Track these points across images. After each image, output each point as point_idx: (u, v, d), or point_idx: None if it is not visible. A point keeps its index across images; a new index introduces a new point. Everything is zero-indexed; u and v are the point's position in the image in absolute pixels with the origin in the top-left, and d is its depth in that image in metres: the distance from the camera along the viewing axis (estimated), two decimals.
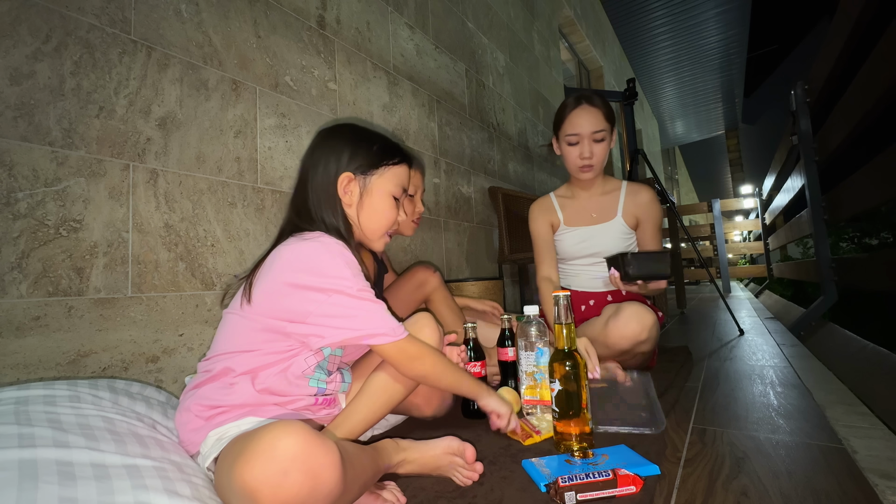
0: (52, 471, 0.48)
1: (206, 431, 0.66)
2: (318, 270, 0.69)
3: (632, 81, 2.80)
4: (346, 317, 0.69)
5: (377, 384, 0.80)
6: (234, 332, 0.72)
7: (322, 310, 0.68)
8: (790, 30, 8.98)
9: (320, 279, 0.68)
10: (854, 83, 1.57)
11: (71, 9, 0.89)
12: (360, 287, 0.71)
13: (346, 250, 0.73)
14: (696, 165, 14.21)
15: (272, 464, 0.48)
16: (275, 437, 0.49)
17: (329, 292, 0.68)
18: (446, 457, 0.73)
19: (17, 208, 0.79)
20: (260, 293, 0.71)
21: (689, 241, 3.38)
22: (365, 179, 0.82)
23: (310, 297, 0.68)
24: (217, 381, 0.70)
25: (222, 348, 0.72)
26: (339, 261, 0.71)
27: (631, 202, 1.39)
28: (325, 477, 0.50)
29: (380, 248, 0.89)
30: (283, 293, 0.69)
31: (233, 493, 0.51)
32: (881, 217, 3.40)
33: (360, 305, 0.70)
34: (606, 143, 1.32)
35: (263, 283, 0.71)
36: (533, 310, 1.01)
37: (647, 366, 1.40)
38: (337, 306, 0.68)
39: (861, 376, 1.27)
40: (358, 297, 0.70)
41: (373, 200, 0.83)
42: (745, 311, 3.12)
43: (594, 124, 1.29)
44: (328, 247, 0.71)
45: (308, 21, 1.43)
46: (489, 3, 2.67)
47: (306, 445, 0.49)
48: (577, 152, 1.32)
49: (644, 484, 0.67)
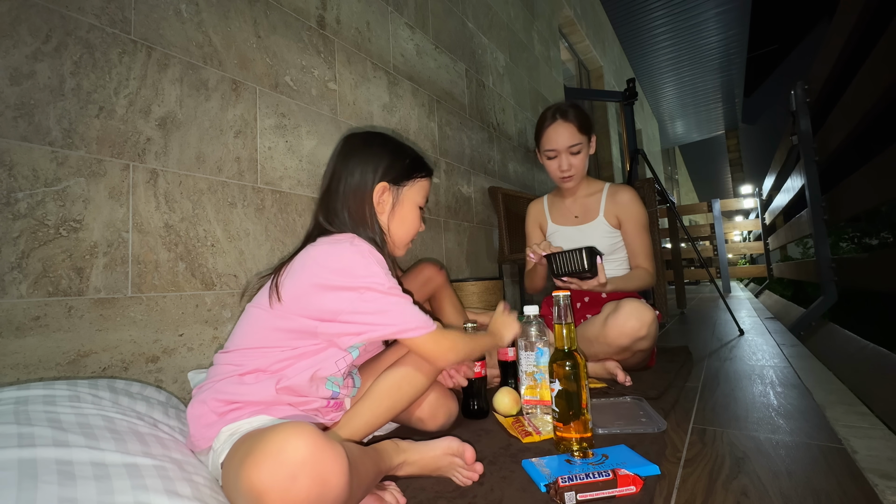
0: (51, 470, 0.48)
1: (219, 427, 0.66)
2: (349, 270, 0.71)
3: (632, 81, 2.80)
4: (381, 312, 0.71)
5: (386, 385, 0.80)
6: (259, 328, 0.73)
7: (355, 307, 0.70)
8: (790, 30, 8.98)
9: (352, 279, 0.70)
10: (854, 83, 1.57)
11: (71, 9, 0.89)
12: (391, 285, 0.73)
13: (375, 251, 0.76)
14: (696, 165, 14.21)
15: (281, 468, 0.47)
16: (284, 440, 0.48)
17: (361, 290, 0.70)
18: (446, 458, 0.73)
19: (17, 208, 0.79)
20: (289, 293, 0.72)
21: (689, 241, 3.38)
22: (398, 190, 0.87)
23: (342, 296, 0.70)
24: (237, 377, 0.70)
25: (246, 343, 0.73)
26: (370, 259, 0.73)
27: (612, 202, 1.44)
28: (334, 483, 0.49)
29: (402, 254, 0.93)
30: (314, 294, 0.71)
31: (239, 495, 0.50)
32: (881, 217, 3.40)
33: (393, 301, 0.72)
34: (584, 154, 1.40)
35: (293, 283, 0.72)
36: (533, 310, 1.01)
37: (646, 365, 1.40)
38: (370, 303, 0.70)
39: (861, 376, 1.27)
40: (389, 293, 0.72)
41: (403, 211, 0.88)
42: (745, 311, 3.12)
43: (569, 139, 1.36)
44: (359, 248, 0.74)
45: (308, 21, 1.43)
46: (489, 3, 2.67)
47: (316, 450, 0.49)
48: (556, 165, 1.41)
49: (644, 484, 0.67)
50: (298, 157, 1.34)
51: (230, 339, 0.76)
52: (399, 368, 0.82)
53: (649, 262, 1.41)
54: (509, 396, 1.03)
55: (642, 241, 1.42)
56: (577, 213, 1.50)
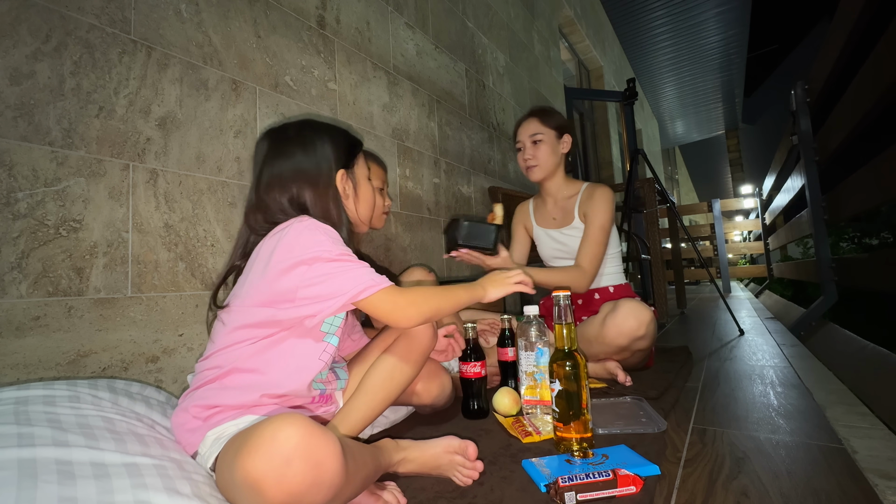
0: (51, 470, 0.48)
1: (203, 432, 0.65)
2: (298, 244, 0.68)
3: (632, 81, 2.80)
4: (329, 278, 0.67)
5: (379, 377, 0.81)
6: (226, 332, 0.71)
7: (305, 280, 0.67)
8: (790, 30, 8.98)
9: (301, 251, 0.67)
10: (854, 83, 1.57)
11: (71, 9, 0.89)
12: (340, 251, 0.70)
13: (322, 224, 0.72)
14: (696, 165, 14.21)
15: (275, 455, 0.48)
16: (276, 429, 0.49)
17: (309, 262, 0.67)
18: (446, 455, 0.73)
19: (17, 208, 0.79)
20: (249, 289, 0.70)
21: (689, 241, 3.38)
22: (352, 173, 0.85)
23: (294, 272, 0.67)
24: (215, 382, 0.69)
25: (218, 346, 0.71)
26: (317, 231, 0.70)
27: (585, 204, 1.42)
28: (328, 465, 0.50)
29: (366, 230, 0.93)
30: (272, 282, 0.68)
31: (236, 487, 0.51)
32: (881, 217, 3.40)
33: (340, 265, 0.68)
34: (546, 145, 1.41)
35: (251, 279, 0.70)
36: (533, 310, 1.01)
37: (645, 365, 1.40)
38: (318, 272, 0.67)
39: (861, 376, 1.27)
40: (338, 259, 0.68)
41: (361, 190, 0.87)
42: (745, 311, 3.12)
43: (530, 130, 1.42)
44: (305, 224, 0.70)
45: (308, 21, 1.43)
46: (489, 3, 2.67)
47: (307, 435, 0.49)
48: (521, 156, 1.46)
49: (644, 484, 0.67)
50: None
51: (206, 347, 0.74)
52: (388, 358, 0.82)
53: (590, 263, 1.33)
54: (509, 396, 1.03)
55: (592, 241, 1.34)
56: (555, 216, 1.50)
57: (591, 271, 1.33)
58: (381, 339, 0.91)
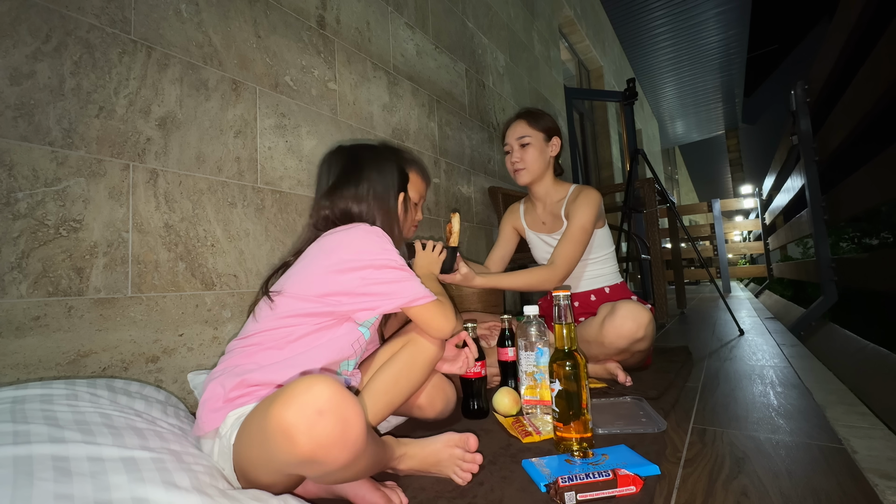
0: (47, 467, 0.48)
1: (225, 412, 0.67)
2: (367, 249, 0.79)
3: (632, 81, 2.81)
4: (395, 283, 0.79)
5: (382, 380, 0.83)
6: (273, 316, 0.76)
7: (374, 279, 0.77)
8: (790, 30, 8.99)
9: (370, 256, 0.78)
10: (854, 83, 1.57)
11: (71, 9, 0.89)
12: (402, 263, 0.82)
13: (385, 234, 0.84)
14: (696, 165, 14.22)
15: (309, 404, 0.51)
16: (311, 383, 0.53)
17: (378, 266, 0.78)
18: (447, 450, 0.74)
19: (17, 208, 0.79)
20: (306, 277, 0.78)
21: (689, 241, 3.38)
22: (407, 197, 0.98)
23: (359, 274, 0.77)
24: (252, 359, 0.72)
25: (265, 326, 0.76)
26: (384, 240, 0.82)
27: (570, 206, 1.39)
28: (354, 423, 0.53)
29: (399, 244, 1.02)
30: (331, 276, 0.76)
31: (266, 437, 0.53)
32: (881, 217, 3.40)
33: (405, 275, 0.81)
34: (534, 148, 1.40)
35: (308, 271, 0.78)
36: (533, 310, 1.01)
37: (644, 365, 1.40)
38: (387, 276, 0.78)
39: (861, 376, 1.27)
40: (403, 268, 0.81)
41: (410, 213, 1.00)
42: (745, 311, 3.12)
43: (517, 133, 1.41)
44: (373, 230, 0.82)
45: (308, 21, 1.43)
46: (489, 3, 2.67)
47: (339, 392, 0.53)
48: (508, 159, 1.45)
49: (644, 484, 0.67)
50: (298, 157, 1.34)
51: (243, 330, 0.80)
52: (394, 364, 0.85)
53: (564, 261, 1.29)
54: (509, 396, 1.03)
55: (570, 239, 1.31)
56: (545, 220, 1.49)
57: (563, 268, 1.29)
58: (389, 345, 0.93)
